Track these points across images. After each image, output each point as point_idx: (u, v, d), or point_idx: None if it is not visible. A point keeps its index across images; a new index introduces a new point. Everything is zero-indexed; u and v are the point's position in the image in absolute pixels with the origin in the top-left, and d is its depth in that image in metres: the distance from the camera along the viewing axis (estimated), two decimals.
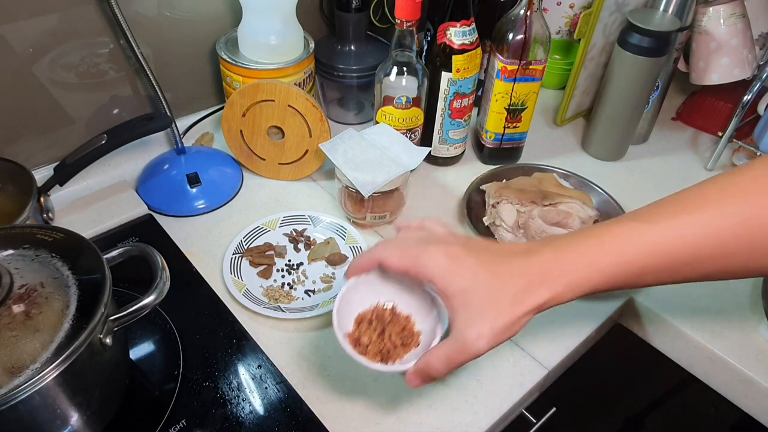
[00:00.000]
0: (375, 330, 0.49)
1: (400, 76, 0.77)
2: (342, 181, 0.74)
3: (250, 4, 0.80)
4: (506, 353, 0.65)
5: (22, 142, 0.77)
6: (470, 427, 0.58)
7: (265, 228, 0.77)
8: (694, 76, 0.94)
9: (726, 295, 0.72)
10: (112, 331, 0.50)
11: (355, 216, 0.77)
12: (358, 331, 0.49)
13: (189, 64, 0.88)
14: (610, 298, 0.71)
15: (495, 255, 0.45)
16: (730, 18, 0.87)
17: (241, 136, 0.83)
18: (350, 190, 0.73)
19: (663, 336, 0.71)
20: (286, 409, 0.58)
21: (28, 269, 0.49)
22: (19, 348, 0.44)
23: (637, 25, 0.81)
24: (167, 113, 0.81)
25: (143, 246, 0.57)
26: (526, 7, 0.76)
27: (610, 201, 0.80)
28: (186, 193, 0.81)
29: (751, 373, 0.64)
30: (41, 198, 0.71)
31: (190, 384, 0.60)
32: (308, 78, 0.88)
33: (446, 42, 0.78)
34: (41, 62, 0.74)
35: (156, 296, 0.53)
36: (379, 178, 0.71)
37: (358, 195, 0.72)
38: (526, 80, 0.81)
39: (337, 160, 0.73)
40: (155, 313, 0.65)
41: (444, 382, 0.61)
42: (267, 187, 0.86)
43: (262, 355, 0.63)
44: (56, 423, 0.48)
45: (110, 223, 0.77)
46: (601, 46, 0.94)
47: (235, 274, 0.71)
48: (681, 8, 0.84)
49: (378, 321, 0.49)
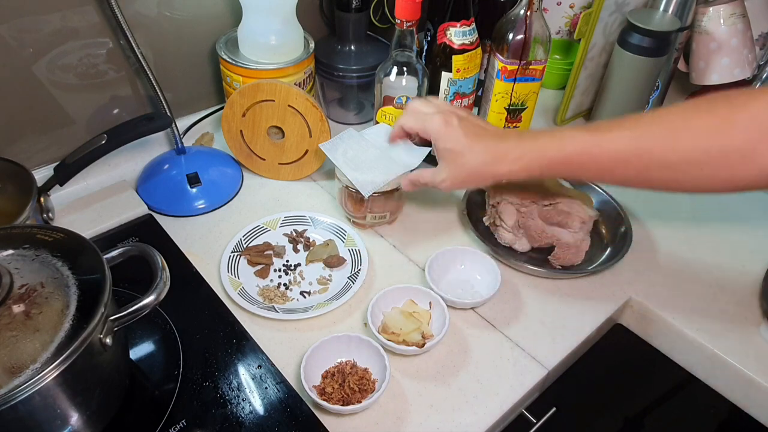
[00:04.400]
0: (337, 381, 0.59)
1: (400, 76, 0.77)
2: (342, 181, 0.74)
3: (250, 4, 0.80)
4: (506, 353, 0.65)
5: (22, 142, 0.77)
6: (470, 427, 0.58)
7: (265, 227, 0.77)
8: (694, 76, 0.94)
9: (726, 295, 0.72)
10: (112, 331, 0.50)
11: (355, 216, 0.77)
12: (323, 384, 0.59)
13: (189, 64, 0.88)
14: (610, 298, 0.72)
15: (479, 131, 0.62)
16: (730, 18, 0.87)
17: (241, 136, 0.83)
18: (350, 190, 0.73)
19: (663, 336, 0.71)
20: (286, 409, 0.58)
21: (28, 269, 0.49)
22: (19, 348, 0.44)
23: (637, 25, 0.81)
24: (167, 113, 0.81)
25: (143, 246, 0.57)
26: (526, 7, 0.76)
27: (610, 201, 0.80)
28: (186, 193, 0.81)
29: (751, 373, 0.64)
30: (41, 198, 0.71)
31: (190, 384, 0.60)
32: (308, 78, 0.88)
33: (446, 42, 0.78)
34: (41, 62, 0.74)
35: (156, 296, 0.53)
36: (378, 178, 0.71)
37: (358, 195, 0.72)
38: (526, 80, 0.81)
39: (337, 160, 0.73)
40: (155, 313, 0.65)
41: (444, 382, 0.61)
42: (267, 187, 0.86)
43: (262, 355, 0.63)
44: (56, 423, 0.48)
45: (110, 223, 0.77)
46: (601, 46, 0.94)
47: (233, 273, 0.71)
48: (681, 8, 0.84)
49: (339, 374, 0.60)
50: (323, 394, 0.58)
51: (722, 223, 0.83)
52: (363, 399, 0.57)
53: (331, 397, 0.57)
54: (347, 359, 0.61)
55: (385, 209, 0.76)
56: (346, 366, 0.60)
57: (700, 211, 0.85)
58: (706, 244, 0.79)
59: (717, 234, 0.81)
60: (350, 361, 0.61)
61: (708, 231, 0.81)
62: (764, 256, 0.77)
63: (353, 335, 0.61)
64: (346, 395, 0.57)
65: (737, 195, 0.87)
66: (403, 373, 0.62)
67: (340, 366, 0.60)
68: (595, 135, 0.56)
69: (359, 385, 0.58)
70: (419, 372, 0.62)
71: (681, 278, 0.74)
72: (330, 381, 0.59)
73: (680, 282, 0.74)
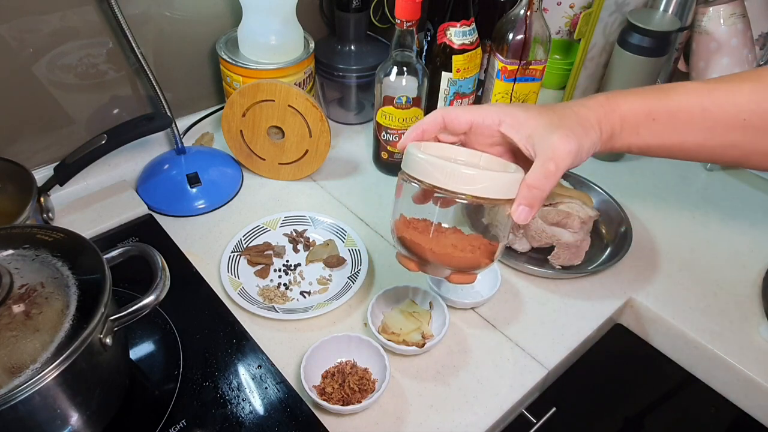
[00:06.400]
0: (337, 381, 0.59)
1: (400, 76, 0.77)
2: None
3: (250, 4, 0.80)
4: (506, 353, 0.65)
5: (22, 142, 0.77)
6: (470, 427, 0.58)
7: (265, 227, 0.77)
8: (694, 76, 0.94)
9: (726, 295, 0.72)
10: (112, 331, 0.50)
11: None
12: (323, 384, 0.59)
13: (189, 64, 0.88)
14: (610, 298, 0.72)
15: (548, 105, 0.50)
16: (730, 18, 0.87)
17: (241, 136, 0.83)
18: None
19: (663, 336, 0.71)
20: (286, 409, 0.58)
21: (28, 269, 0.49)
22: (19, 348, 0.44)
23: (637, 25, 0.81)
24: (167, 113, 0.81)
25: (143, 246, 0.57)
26: (526, 7, 0.76)
27: (610, 201, 0.80)
28: (186, 193, 0.81)
29: (751, 373, 0.64)
30: (41, 198, 0.71)
31: (190, 384, 0.60)
32: (308, 78, 0.88)
33: (446, 42, 0.78)
34: (41, 62, 0.74)
35: (156, 296, 0.53)
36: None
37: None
38: (526, 80, 0.81)
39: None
40: (155, 313, 0.65)
41: (444, 382, 0.61)
42: (267, 187, 0.86)
43: (262, 355, 0.63)
44: (56, 423, 0.48)
45: (110, 223, 0.77)
46: (601, 46, 0.94)
47: (233, 273, 0.71)
48: (681, 8, 0.84)
49: (339, 374, 0.60)
50: (323, 394, 0.58)
51: (722, 223, 0.83)
52: (363, 399, 0.57)
53: (331, 397, 0.57)
54: (347, 359, 0.61)
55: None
56: (346, 366, 0.60)
57: (700, 211, 0.85)
58: (706, 244, 0.79)
59: (717, 234, 0.81)
60: (350, 361, 0.61)
61: (708, 231, 0.81)
62: (764, 256, 0.77)
63: (353, 335, 0.61)
64: (346, 395, 0.58)
65: (736, 195, 0.87)
66: (403, 373, 0.62)
67: (340, 366, 0.61)
68: (708, 84, 0.49)
69: (359, 385, 0.58)
70: (419, 372, 0.62)
71: (681, 278, 0.74)
72: (330, 381, 0.59)
73: (680, 282, 0.74)
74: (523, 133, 0.48)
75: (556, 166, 0.46)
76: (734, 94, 0.48)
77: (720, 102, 0.48)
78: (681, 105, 0.49)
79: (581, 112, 0.49)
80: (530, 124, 0.48)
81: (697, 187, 0.89)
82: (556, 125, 0.47)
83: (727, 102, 0.48)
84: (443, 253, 0.50)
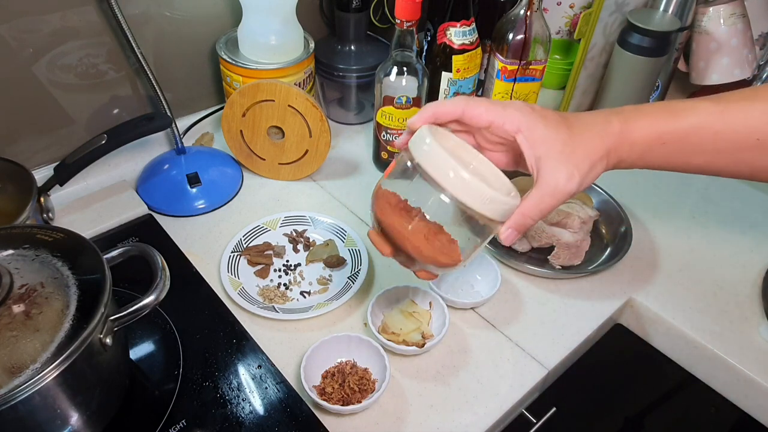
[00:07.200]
0: (337, 381, 0.59)
1: (400, 76, 0.77)
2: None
3: (250, 4, 0.80)
4: (506, 353, 0.65)
5: (22, 142, 0.77)
6: (470, 427, 0.58)
7: (265, 227, 0.77)
8: (694, 76, 0.94)
9: (726, 295, 0.72)
10: (112, 331, 0.50)
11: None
12: (323, 384, 0.59)
13: (189, 64, 0.88)
14: (610, 298, 0.71)
15: (567, 116, 0.49)
16: (730, 18, 0.87)
17: (241, 136, 0.83)
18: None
19: (663, 336, 0.71)
20: (286, 409, 0.58)
21: (28, 269, 0.49)
22: (19, 348, 0.44)
23: (637, 25, 0.81)
24: (167, 113, 0.81)
25: (143, 246, 0.57)
26: (526, 7, 0.76)
27: (610, 201, 0.80)
28: (186, 193, 0.81)
29: (751, 373, 0.64)
30: (41, 198, 0.71)
31: (190, 384, 0.60)
32: (308, 78, 0.88)
33: (446, 42, 0.78)
34: (41, 62, 0.74)
35: (156, 296, 0.53)
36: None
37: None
38: (526, 80, 0.81)
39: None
40: (155, 313, 0.65)
41: (444, 382, 0.61)
42: (267, 187, 0.86)
43: (262, 355, 0.63)
44: (56, 423, 0.48)
45: (110, 223, 0.77)
46: (601, 46, 0.94)
47: (233, 273, 0.71)
48: (681, 8, 0.84)
49: (339, 374, 0.60)
50: (323, 394, 0.58)
51: (722, 223, 0.83)
52: (363, 399, 0.57)
53: (331, 397, 0.58)
54: (347, 359, 0.61)
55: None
56: (346, 366, 0.60)
57: (700, 211, 0.85)
58: (706, 244, 0.79)
59: (717, 234, 0.81)
60: (350, 361, 0.61)
61: (708, 231, 0.81)
62: (764, 256, 0.77)
63: (353, 335, 0.61)
64: (346, 395, 0.58)
65: (736, 195, 0.87)
66: (403, 373, 0.62)
67: (340, 366, 0.61)
68: (719, 104, 0.48)
69: (359, 385, 0.58)
70: (419, 372, 0.62)
71: (681, 278, 0.74)
72: (330, 381, 0.59)
73: (680, 282, 0.74)
74: (534, 153, 0.48)
75: (552, 204, 0.47)
76: (747, 115, 0.47)
77: (733, 124, 0.47)
78: (692, 128, 0.48)
79: (595, 142, 0.48)
80: (544, 147, 0.47)
81: (697, 187, 0.89)
82: (567, 156, 0.47)
83: (740, 123, 0.47)
84: (417, 245, 0.49)
